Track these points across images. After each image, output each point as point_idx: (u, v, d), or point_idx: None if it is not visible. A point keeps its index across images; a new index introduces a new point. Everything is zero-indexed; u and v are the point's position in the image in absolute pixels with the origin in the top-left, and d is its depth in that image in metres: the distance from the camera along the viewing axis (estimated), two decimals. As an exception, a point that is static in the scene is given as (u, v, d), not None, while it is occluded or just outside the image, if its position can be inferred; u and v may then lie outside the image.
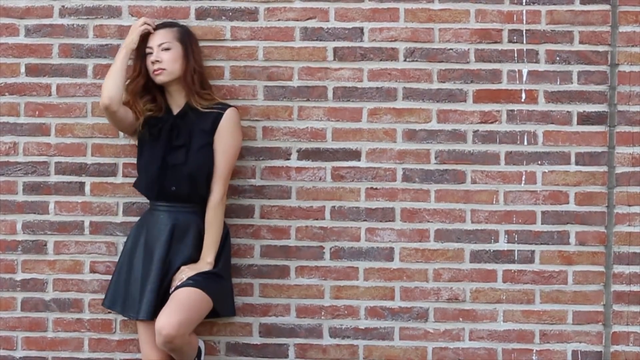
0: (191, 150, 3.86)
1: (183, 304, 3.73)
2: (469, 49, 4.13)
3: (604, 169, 4.13)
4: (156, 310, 3.78)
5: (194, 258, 3.87)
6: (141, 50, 3.92)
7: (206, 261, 3.86)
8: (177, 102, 3.94)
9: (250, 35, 4.16)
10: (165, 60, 3.88)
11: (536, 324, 4.14)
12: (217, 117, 3.89)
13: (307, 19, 4.15)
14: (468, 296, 4.15)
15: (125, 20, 4.15)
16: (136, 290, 3.87)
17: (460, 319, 4.16)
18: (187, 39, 3.95)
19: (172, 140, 3.88)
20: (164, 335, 3.68)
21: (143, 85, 3.92)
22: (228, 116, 3.90)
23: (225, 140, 3.90)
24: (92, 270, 4.17)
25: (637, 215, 4.12)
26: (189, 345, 3.79)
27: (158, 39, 3.91)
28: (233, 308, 4.05)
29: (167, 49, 3.89)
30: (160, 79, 3.89)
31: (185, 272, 3.81)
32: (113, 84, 3.82)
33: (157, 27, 3.95)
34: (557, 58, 4.12)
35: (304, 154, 4.16)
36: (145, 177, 3.91)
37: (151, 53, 3.90)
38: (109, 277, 4.06)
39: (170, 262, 3.85)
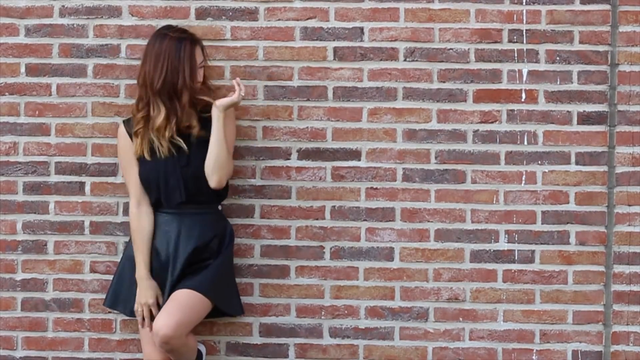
0: (192, 151, 3.83)
1: (181, 305, 3.74)
2: (469, 49, 4.13)
3: (604, 168, 4.13)
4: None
5: (196, 254, 3.85)
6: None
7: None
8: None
9: (251, 35, 4.16)
10: (202, 79, 3.87)
11: (536, 324, 4.14)
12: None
13: (307, 19, 4.15)
14: (468, 296, 4.15)
15: (126, 20, 4.15)
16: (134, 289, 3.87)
17: (460, 319, 4.16)
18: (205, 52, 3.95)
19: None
20: (161, 335, 3.68)
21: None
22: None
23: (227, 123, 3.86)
24: (92, 270, 4.17)
25: (637, 215, 4.12)
26: (186, 347, 3.79)
27: (200, 57, 3.86)
28: (241, 307, 4.03)
29: (203, 67, 3.88)
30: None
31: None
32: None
33: (194, 42, 3.85)
34: (557, 58, 4.12)
35: (304, 154, 4.16)
36: (155, 184, 3.85)
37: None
38: (109, 277, 4.06)
39: (175, 263, 3.84)
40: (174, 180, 3.83)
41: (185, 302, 3.75)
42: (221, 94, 4.02)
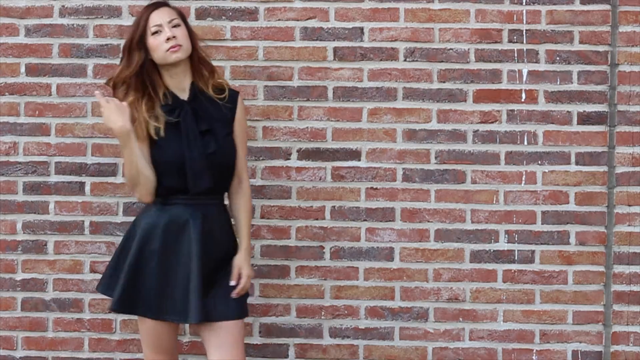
0: (219, 138, 3.60)
1: (239, 343, 3.58)
2: (469, 49, 4.14)
3: (604, 169, 4.13)
4: (203, 311, 3.51)
5: (228, 252, 3.62)
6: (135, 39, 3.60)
7: (249, 251, 3.65)
8: (181, 85, 3.62)
9: (250, 35, 4.16)
10: (180, 36, 3.55)
11: (536, 324, 4.14)
12: (233, 104, 3.65)
13: (307, 19, 4.15)
14: (468, 296, 4.15)
15: (125, 20, 4.15)
16: (168, 291, 3.53)
17: (460, 319, 4.16)
18: (185, 19, 3.66)
19: (198, 126, 3.57)
20: None
21: (141, 81, 3.59)
22: (242, 102, 3.69)
23: (243, 128, 3.70)
24: (92, 270, 4.18)
25: (637, 215, 4.12)
26: None
27: (166, 15, 3.57)
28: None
29: (178, 25, 3.58)
30: (177, 55, 3.54)
31: (247, 273, 3.60)
32: (147, 177, 3.54)
33: (155, 7, 3.60)
34: (557, 58, 4.13)
35: (304, 154, 4.16)
36: (177, 170, 3.55)
37: (159, 31, 3.55)
38: (109, 277, 4.05)
39: (203, 260, 3.53)
40: (201, 166, 3.55)
41: (241, 338, 3.59)
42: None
